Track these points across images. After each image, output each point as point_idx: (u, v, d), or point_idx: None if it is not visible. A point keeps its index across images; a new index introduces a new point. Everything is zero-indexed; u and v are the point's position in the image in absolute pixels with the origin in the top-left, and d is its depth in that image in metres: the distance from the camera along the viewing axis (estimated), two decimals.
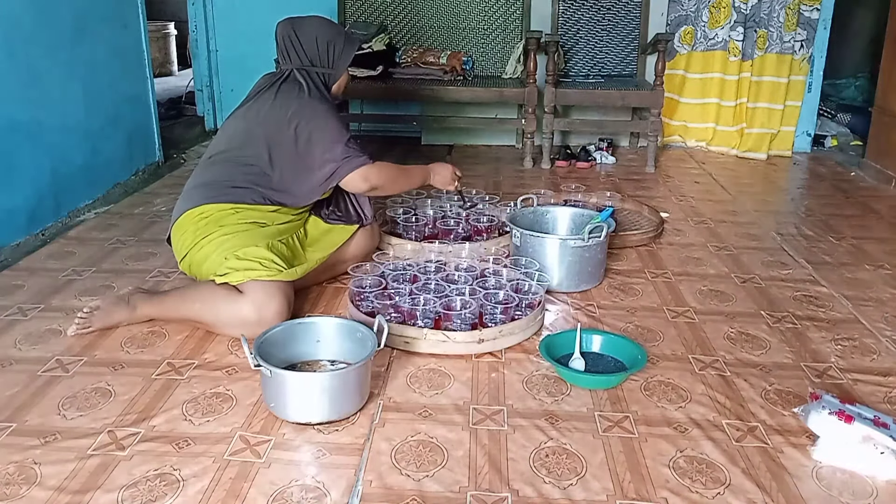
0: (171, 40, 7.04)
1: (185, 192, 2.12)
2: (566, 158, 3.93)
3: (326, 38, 2.18)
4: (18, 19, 2.64)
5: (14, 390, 1.69)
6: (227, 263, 1.94)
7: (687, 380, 1.79)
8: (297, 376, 1.60)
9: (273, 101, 2.11)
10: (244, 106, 2.19)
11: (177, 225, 2.06)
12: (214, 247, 1.97)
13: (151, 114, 3.67)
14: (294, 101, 2.09)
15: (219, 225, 2.00)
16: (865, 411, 1.53)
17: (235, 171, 2.08)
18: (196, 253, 2.00)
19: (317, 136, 2.08)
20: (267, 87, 2.17)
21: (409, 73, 3.88)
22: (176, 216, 2.07)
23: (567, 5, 4.06)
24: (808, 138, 4.31)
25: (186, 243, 2.03)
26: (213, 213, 2.02)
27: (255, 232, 2.02)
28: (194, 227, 2.02)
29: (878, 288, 2.37)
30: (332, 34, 2.21)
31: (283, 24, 2.20)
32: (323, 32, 2.19)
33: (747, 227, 2.96)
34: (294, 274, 2.00)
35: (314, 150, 2.08)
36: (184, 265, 2.08)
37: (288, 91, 2.12)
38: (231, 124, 2.18)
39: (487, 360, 1.87)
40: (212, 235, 1.99)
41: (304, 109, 2.08)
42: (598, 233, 2.25)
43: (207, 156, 2.17)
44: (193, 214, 2.03)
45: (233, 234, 1.98)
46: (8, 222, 2.59)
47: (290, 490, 1.38)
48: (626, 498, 1.37)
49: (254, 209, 2.06)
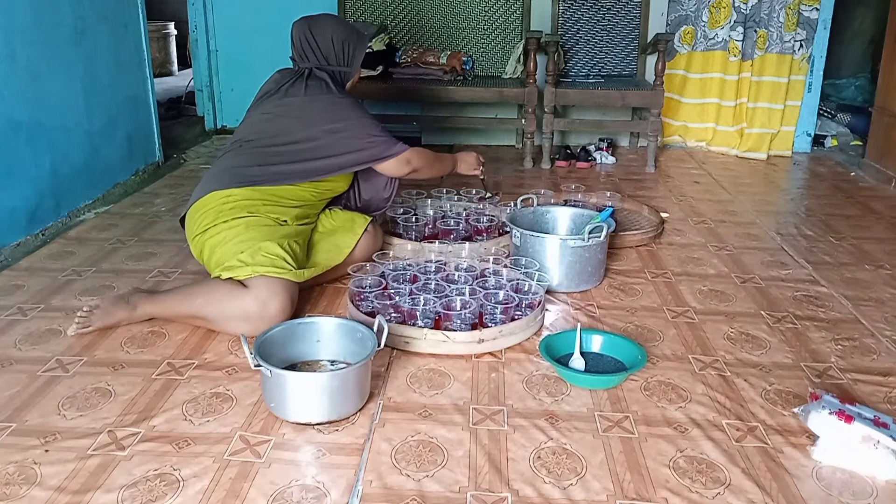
0: (171, 40, 7.04)
1: (211, 173, 2.14)
2: (566, 158, 3.93)
3: (342, 37, 2.26)
4: (18, 19, 2.64)
5: (14, 390, 1.70)
6: (240, 256, 1.95)
7: (687, 380, 1.79)
8: (297, 376, 1.60)
9: (304, 96, 2.18)
10: (270, 99, 2.22)
11: (199, 203, 2.07)
12: (233, 235, 1.99)
13: (151, 114, 3.67)
14: (325, 97, 2.18)
15: (246, 212, 2.02)
16: (865, 411, 1.53)
17: (268, 158, 2.13)
18: (213, 236, 2.01)
19: (355, 126, 2.18)
20: (291, 82, 2.22)
21: (409, 73, 3.88)
22: (199, 195, 2.08)
23: (567, 5, 4.06)
24: (808, 138, 4.31)
25: (206, 222, 2.03)
26: (239, 197, 2.04)
27: (274, 229, 2.04)
28: (218, 208, 2.03)
29: (878, 288, 2.37)
30: (347, 33, 2.28)
31: (298, 24, 2.26)
32: (338, 32, 2.26)
33: (747, 227, 2.96)
34: (301, 276, 2.01)
35: (354, 140, 2.18)
36: (195, 245, 2.08)
37: (317, 88, 2.19)
38: (259, 116, 2.22)
39: (487, 360, 1.87)
40: (233, 222, 2.00)
41: (337, 105, 2.18)
42: (598, 233, 2.25)
43: (235, 144, 2.20)
44: (218, 196, 2.05)
45: (254, 226, 2.00)
46: (8, 222, 2.59)
47: (290, 490, 1.38)
48: (626, 498, 1.37)
49: (279, 204, 2.09)
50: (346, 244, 2.27)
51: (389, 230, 2.62)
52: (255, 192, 2.07)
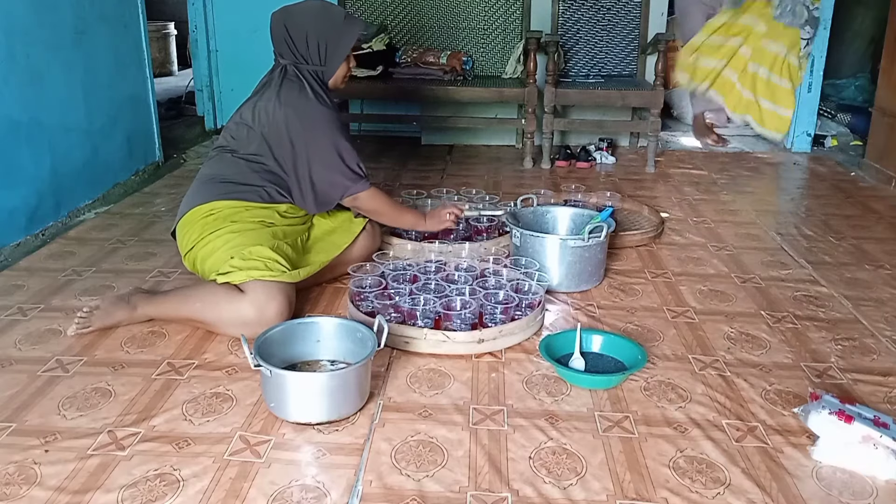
0: (171, 40, 7.03)
1: (194, 186, 2.12)
2: (566, 158, 3.93)
3: (317, 33, 2.10)
4: (18, 19, 2.64)
5: (14, 390, 1.69)
6: (231, 262, 1.94)
7: (687, 380, 1.79)
8: (297, 376, 1.60)
9: (276, 99, 2.06)
10: (251, 100, 2.16)
11: (185, 220, 2.06)
12: (221, 243, 1.98)
13: (151, 114, 3.67)
14: (293, 106, 2.05)
15: (229, 221, 2.01)
16: (865, 411, 1.53)
17: (245, 168, 2.08)
18: (202, 248, 2.00)
19: (313, 150, 2.07)
20: (267, 82, 2.15)
21: (409, 73, 3.88)
22: (184, 210, 2.07)
23: (567, 5, 4.06)
24: (808, 138, 4.30)
25: (193, 237, 2.03)
26: (222, 209, 2.03)
27: (262, 231, 2.02)
28: (203, 222, 2.02)
29: (878, 288, 2.37)
30: (325, 28, 2.11)
31: (275, 17, 2.13)
32: (315, 27, 2.10)
33: (747, 227, 2.96)
34: (297, 276, 2.00)
35: (313, 165, 2.08)
36: (188, 260, 2.08)
37: (289, 90, 2.07)
38: (236, 119, 2.16)
39: (487, 360, 1.87)
40: (219, 231, 1.99)
41: (301, 118, 2.05)
42: (598, 233, 2.25)
43: (217, 149, 2.17)
44: (202, 210, 2.03)
45: (240, 231, 1.99)
46: (8, 222, 2.59)
47: (290, 490, 1.38)
48: (626, 498, 1.37)
49: (264, 207, 2.07)
50: (343, 243, 2.27)
51: (389, 230, 2.62)
52: (237, 202, 2.04)
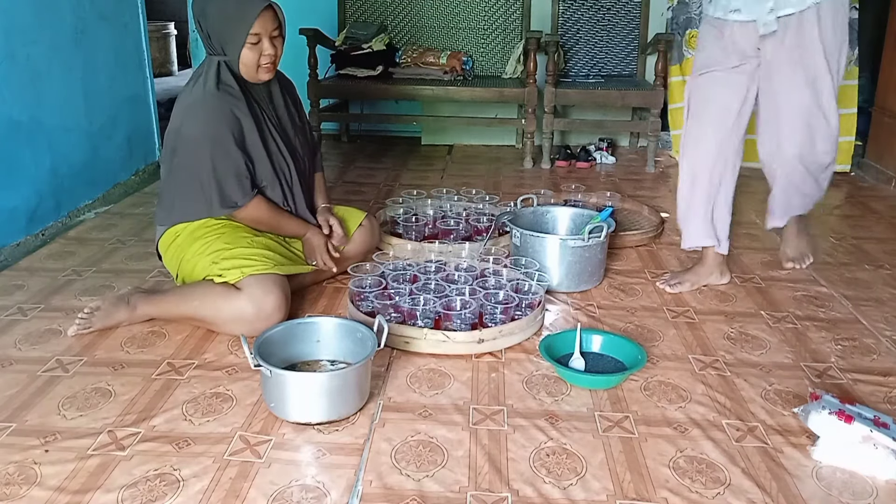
0: (171, 40, 7.04)
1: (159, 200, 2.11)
2: (566, 158, 3.93)
3: (213, 17, 1.93)
4: (18, 19, 2.64)
5: (14, 390, 1.69)
6: (218, 266, 1.95)
7: (687, 380, 1.79)
8: (297, 376, 1.60)
9: (181, 95, 1.99)
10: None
11: (161, 245, 2.10)
12: (199, 258, 1.99)
13: (151, 114, 3.67)
14: (181, 106, 1.97)
15: (193, 238, 2.02)
16: (865, 411, 1.53)
17: (175, 184, 2.03)
18: (184, 268, 2.04)
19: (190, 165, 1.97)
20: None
21: (409, 73, 3.89)
22: (157, 236, 2.10)
23: (567, 5, 4.06)
24: None
25: (173, 264, 2.08)
26: (181, 232, 2.04)
27: (231, 234, 2.02)
28: (174, 248, 2.05)
29: (878, 288, 2.37)
30: (219, 9, 1.92)
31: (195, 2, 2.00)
32: (211, 11, 1.94)
33: (747, 227, 2.95)
34: (289, 268, 2.01)
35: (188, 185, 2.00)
36: (179, 280, 2.11)
37: (190, 84, 2.00)
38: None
39: (487, 360, 1.87)
40: (195, 246, 2.01)
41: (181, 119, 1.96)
42: (598, 233, 2.25)
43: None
44: (167, 240, 2.07)
45: (213, 238, 2.00)
46: (8, 222, 2.59)
47: (290, 490, 1.38)
48: (626, 498, 1.37)
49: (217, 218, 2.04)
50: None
51: (389, 230, 2.62)
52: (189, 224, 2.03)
